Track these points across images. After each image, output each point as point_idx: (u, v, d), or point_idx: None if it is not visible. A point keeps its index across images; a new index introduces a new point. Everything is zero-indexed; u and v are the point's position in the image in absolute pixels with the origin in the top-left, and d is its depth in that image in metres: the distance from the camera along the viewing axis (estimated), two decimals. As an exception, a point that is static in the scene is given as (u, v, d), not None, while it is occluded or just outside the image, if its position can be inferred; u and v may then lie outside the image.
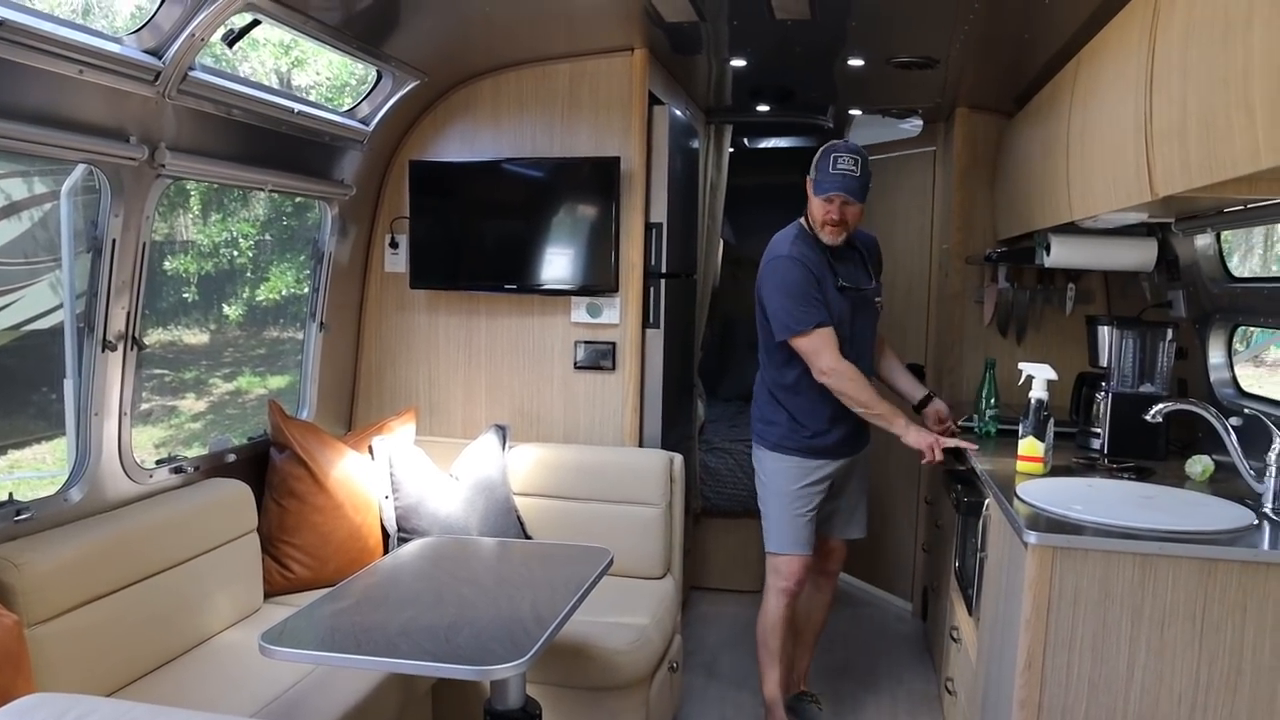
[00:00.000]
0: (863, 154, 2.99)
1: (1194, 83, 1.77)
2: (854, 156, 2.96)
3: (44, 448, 5.03)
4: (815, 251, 3.04)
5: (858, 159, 2.96)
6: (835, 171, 2.95)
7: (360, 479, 3.28)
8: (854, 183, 2.95)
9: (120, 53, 2.29)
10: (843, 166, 2.96)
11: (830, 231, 3.01)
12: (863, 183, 2.98)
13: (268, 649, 2.05)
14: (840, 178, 2.95)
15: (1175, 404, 2.57)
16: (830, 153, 2.99)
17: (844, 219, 2.99)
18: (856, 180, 2.96)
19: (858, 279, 3.14)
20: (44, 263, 4.92)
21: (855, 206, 2.98)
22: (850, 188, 2.95)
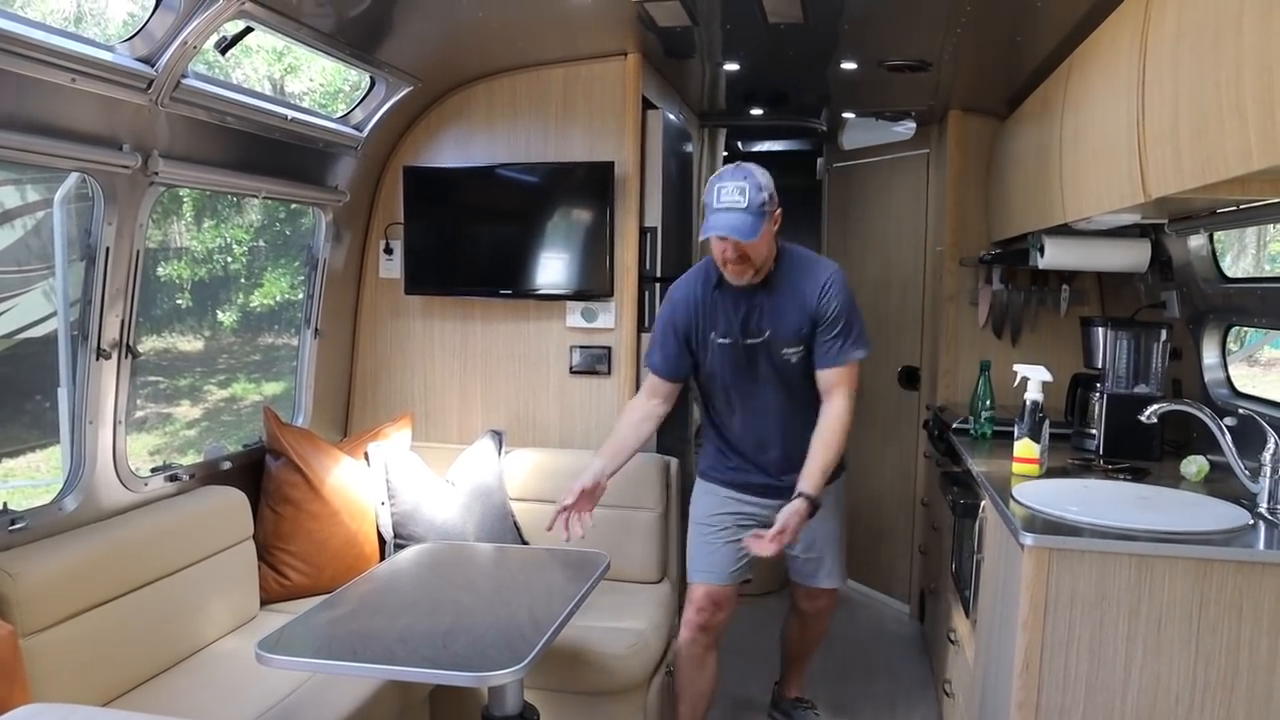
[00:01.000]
0: (753, 177, 2.58)
1: (1186, 85, 1.77)
2: (740, 185, 2.56)
3: (38, 456, 5.01)
4: (711, 290, 2.75)
5: (744, 186, 2.55)
6: (719, 206, 2.57)
7: (356, 486, 3.28)
8: (739, 218, 2.54)
9: (113, 61, 2.29)
10: (726, 199, 2.56)
11: (732, 271, 2.65)
12: (755, 213, 2.55)
13: (264, 657, 2.05)
14: (724, 213, 2.55)
15: (1170, 404, 2.57)
16: (715, 183, 2.61)
17: (744, 257, 2.61)
18: (742, 214, 2.54)
19: (750, 326, 2.73)
20: (37, 271, 4.91)
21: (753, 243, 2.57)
22: (736, 225, 2.53)
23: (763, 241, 2.60)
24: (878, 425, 4.75)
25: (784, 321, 2.71)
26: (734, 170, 2.62)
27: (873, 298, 4.79)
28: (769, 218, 2.60)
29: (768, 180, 2.63)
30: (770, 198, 2.60)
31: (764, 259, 2.66)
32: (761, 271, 2.69)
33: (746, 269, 2.64)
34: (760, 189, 2.58)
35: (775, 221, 2.64)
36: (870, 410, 4.79)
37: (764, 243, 2.61)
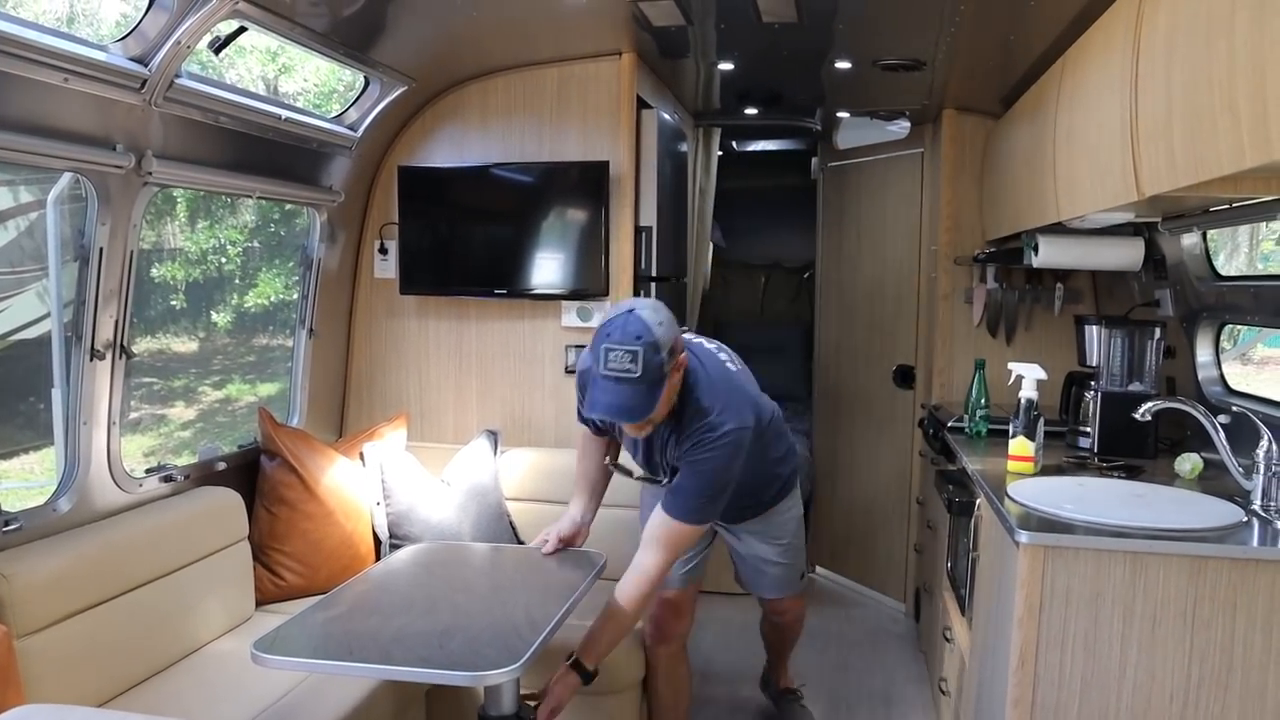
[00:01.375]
0: (648, 333, 2.11)
1: (1178, 83, 1.78)
2: (630, 349, 2.09)
3: (31, 458, 4.99)
4: None
5: (637, 351, 2.09)
6: (605, 373, 2.14)
7: (351, 486, 3.27)
8: (631, 395, 2.13)
9: (106, 60, 2.28)
10: (615, 365, 2.12)
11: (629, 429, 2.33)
12: (651, 383, 2.12)
13: (260, 657, 2.04)
14: (612, 384, 2.14)
15: (1164, 402, 2.58)
16: (601, 338, 2.15)
17: (641, 425, 2.26)
18: (633, 387, 2.12)
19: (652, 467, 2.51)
20: (30, 272, 4.89)
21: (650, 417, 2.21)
22: (627, 405, 2.14)
23: (664, 402, 2.21)
24: (873, 424, 4.76)
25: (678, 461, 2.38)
26: (624, 322, 2.14)
27: (868, 297, 4.80)
28: (669, 380, 2.18)
29: (668, 329, 2.17)
30: (671, 352, 2.16)
31: (666, 413, 2.29)
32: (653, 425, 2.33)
33: (644, 428, 2.31)
34: (658, 349, 2.12)
35: (678, 369, 2.23)
36: (865, 409, 4.81)
37: (664, 403, 2.22)
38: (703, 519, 2.37)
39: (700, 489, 2.33)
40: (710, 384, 2.35)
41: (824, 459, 5.10)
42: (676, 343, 2.21)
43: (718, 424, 2.28)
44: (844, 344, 5.00)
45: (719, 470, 2.32)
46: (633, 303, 2.23)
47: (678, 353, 2.22)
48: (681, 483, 2.33)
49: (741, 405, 2.36)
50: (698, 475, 2.32)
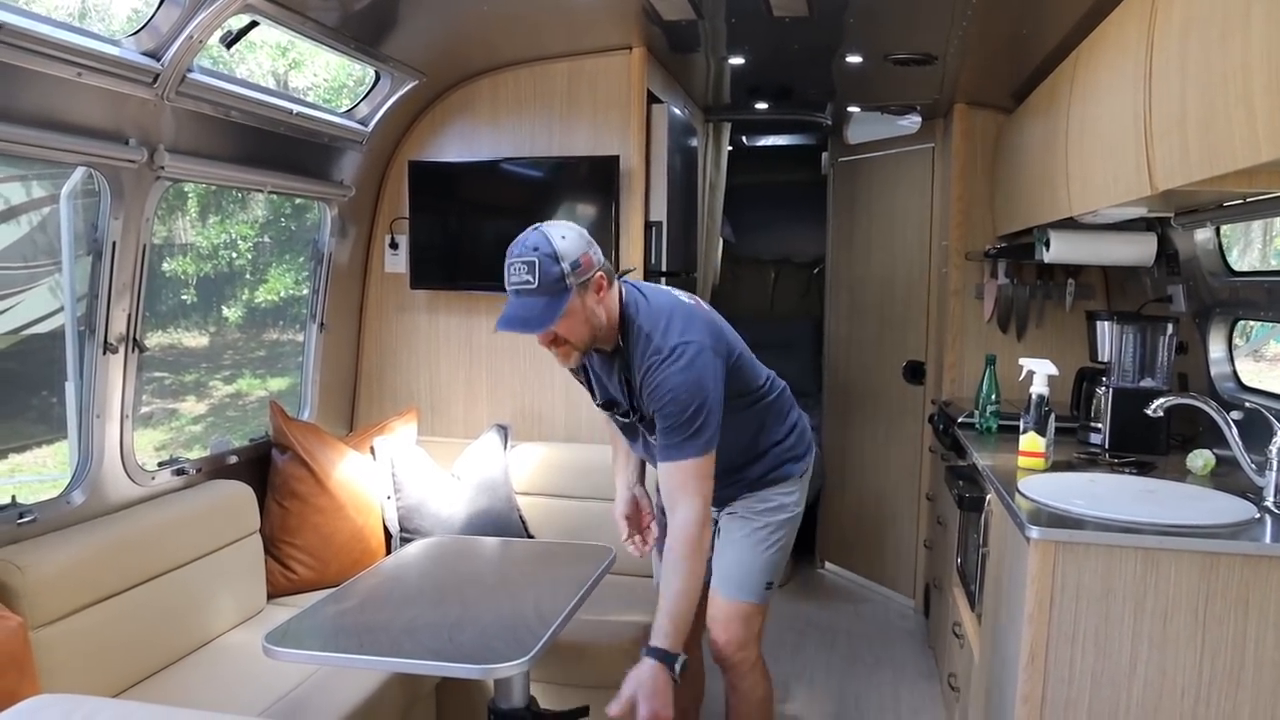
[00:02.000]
0: (547, 244, 2.10)
1: (1193, 77, 1.77)
2: (528, 260, 2.09)
3: (45, 451, 5.03)
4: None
5: (534, 261, 2.08)
6: (509, 286, 2.13)
7: (362, 480, 3.28)
8: (529, 305, 2.10)
9: (119, 55, 2.29)
10: (515, 279, 2.11)
11: (557, 355, 2.24)
12: (550, 294, 2.08)
13: (271, 650, 2.06)
14: (513, 297, 2.13)
15: (1176, 398, 2.57)
16: (507, 257, 2.15)
17: (557, 340, 2.18)
18: (531, 298, 2.09)
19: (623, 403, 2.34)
20: (43, 266, 4.92)
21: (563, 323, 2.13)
22: (523, 314, 2.11)
23: (576, 320, 2.14)
24: (882, 420, 4.75)
25: (644, 405, 2.25)
26: (526, 237, 2.14)
27: (878, 292, 4.79)
28: (577, 291, 2.11)
29: (573, 241, 2.13)
30: (575, 265, 2.10)
31: (588, 337, 2.19)
32: (601, 344, 2.25)
33: (568, 352, 2.21)
34: (557, 259, 2.08)
35: (596, 289, 2.15)
36: (875, 405, 4.80)
37: (579, 320, 2.15)
38: (705, 446, 2.18)
39: (678, 420, 2.16)
40: (651, 311, 2.24)
41: (834, 454, 5.09)
42: (585, 259, 2.13)
43: (662, 345, 2.18)
44: (854, 339, 4.99)
45: (685, 390, 2.15)
46: (542, 223, 2.18)
47: (588, 269, 2.13)
48: (661, 425, 2.19)
49: (689, 326, 2.22)
50: (670, 405, 2.16)
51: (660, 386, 2.16)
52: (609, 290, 2.21)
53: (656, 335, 2.20)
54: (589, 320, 2.17)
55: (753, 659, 2.51)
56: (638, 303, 2.26)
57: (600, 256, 2.19)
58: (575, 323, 2.15)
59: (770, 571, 2.47)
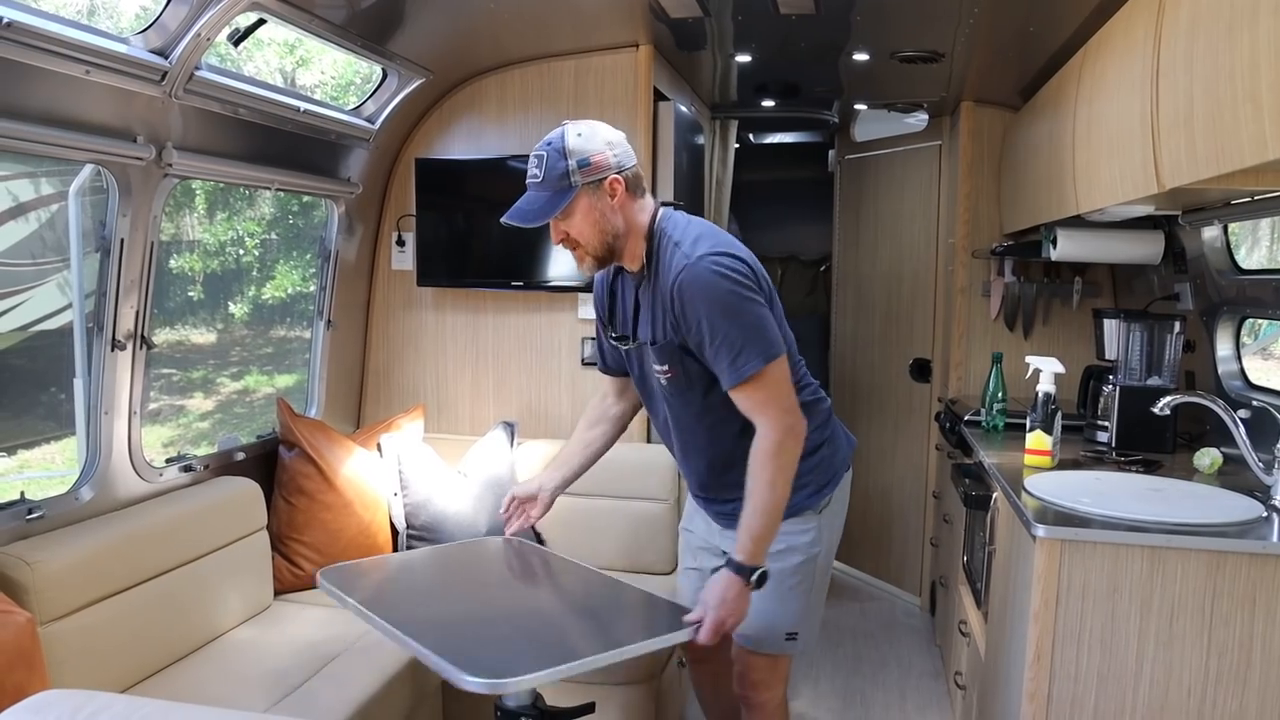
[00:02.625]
0: (559, 140, 2.05)
1: (1200, 75, 1.76)
2: (539, 153, 2.07)
3: (53, 448, 5.05)
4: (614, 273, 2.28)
5: (543, 154, 2.05)
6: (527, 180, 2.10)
7: (369, 476, 3.29)
8: (529, 198, 2.07)
9: (127, 53, 2.30)
10: (529, 174, 2.09)
11: (574, 259, 2.16)
12: (552, 189, 2.04)
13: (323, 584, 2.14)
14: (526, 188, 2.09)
15: (1183, 396, 2.56)
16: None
17: (567, 239, 2.10)
18: (534, 191, 2.06)
19: (627, 328, 2.24)
20: (52, 263, 4.94)
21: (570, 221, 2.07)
22: (522, 207, 2.07)
23: (584, 220, 2.06)
24: (889, 418, 4.75)
25: (654, 328, 2.15)
26: (548, 133, 2.09)
27: (885, 290, 4.79)
28: (583, 191, 2.03)
29: (588, 139, 2.05)
30: (583, 164, 2.02)
31: (599, 242, 2.09)
32: (622, 257, 2.14)
33: (581, 255, 2.12)
34: (564, 155, 2.02)
35: (610, 192, 2.06)
36: (881, 403, 4.79)
37: (587, 221, 2.06)
38: (766, 353, 2.01)
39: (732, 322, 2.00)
40: (687, 226, 2.13)
41: (839, 452, 5.09)
42: (598, 159, 2.04)
43: (691, 252, 2.03)
44: (860, 337, 4.98)
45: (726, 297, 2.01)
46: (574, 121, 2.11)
47: (599, 170, 2.04)
48: (710, 346, 2.03)
49: (732, 245, 2.09)
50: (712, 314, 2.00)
51: (690, 300, 2.02)
52: (631, 198, 2.09)
53: (686, 244, 2.06)
54: (599, 224, 2.07)
55: (776, 701, 2.34)
56: (673, 219, 2.15)
57: (622, 161, 2.08)
58: (583, 224, 2.06)
59: (792, 622, 2.25)
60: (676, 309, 2.05)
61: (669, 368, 2.14)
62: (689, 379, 2.13)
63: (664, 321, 2.10)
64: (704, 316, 2.01)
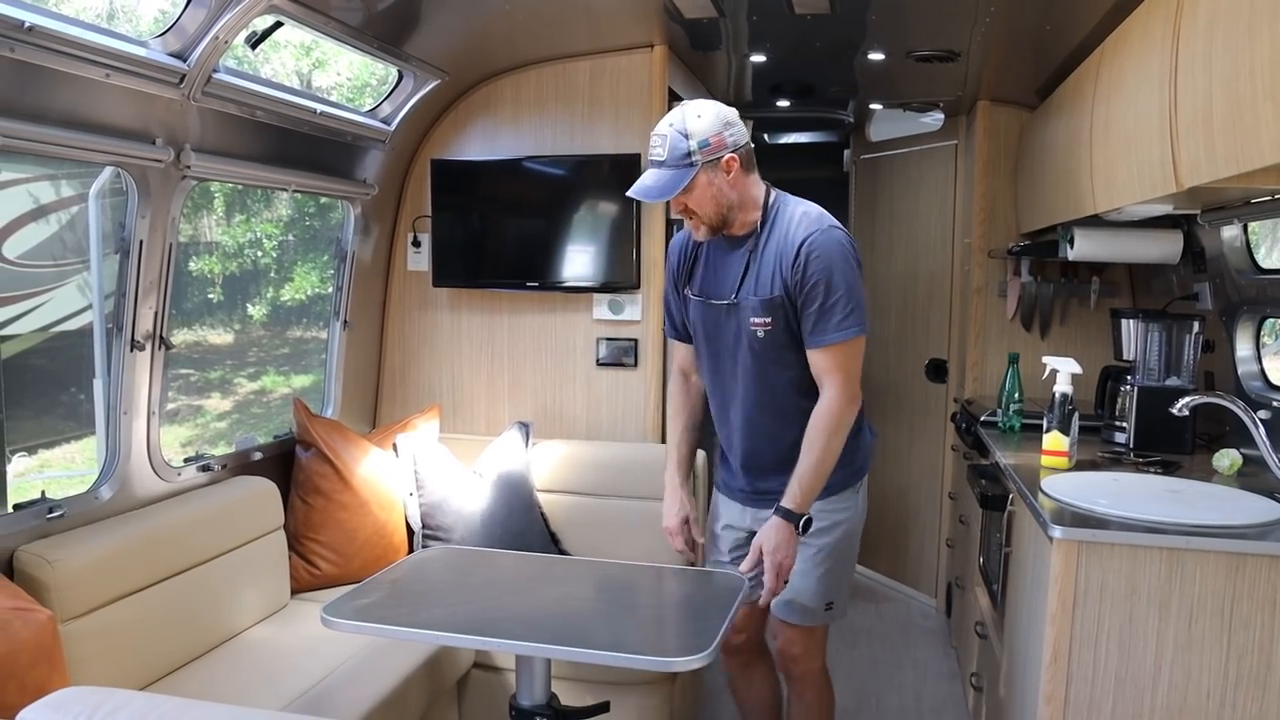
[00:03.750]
0: (681, 122, 2.23)
1: (1219, 73, 1.75)
2: (662, 133, 2.24)
3: (73, 447, 5.10)
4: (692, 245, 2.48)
5: (666, 135, 2.23)
6: (649, 161, 2.28)
7: (385, 476, 3.31)
8: (654, 176, 2.24)
9: (146, 56, 2.32)
10: (652, 151, 2.26)
11: (689, 227, 2.38)
12: (675, 167, 2.22)
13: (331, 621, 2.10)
14: (651, 168, 2.27)
15: (1202, 397, 2.54)
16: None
17: (688, 210, 2.31)
18: (658, 170, 2.23)
19: (722, 287, 2.39)
20: (72, 265, 4.98)
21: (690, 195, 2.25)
22: (648, 184, 2.24)
23: (702, 195, 2.26)
24: (905, 418, 4.73)
25: (759, 285, 2.33)
26: (669, 115, 2.27)
27: (900, 290, 4.77)
28: (701, 169, 2.22)
29: (708, 121, 2.24)
30: (704, 144, 2.21)
31: (716, 213, 2.29)
32: (733, 226, 2.34)
33: (697, 224, 2.33)
34: (686, 136, 2.21)
35: (726, 169, 2.26)
36: (897, 403, 4.78)
37: (705, 195, 2.26)
38: (856, 327, 2.26)
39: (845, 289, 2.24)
40: (800, 202, 2.38)
41: (855, 453, 5.07)
42: (717, 139, 2.24)
43: (823, 222, 2.30)
44: (876, 337, 4.95)
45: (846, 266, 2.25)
46: (692, 100, 2.33)
47: (718, 149, 2.24)
48: (822, 300, 2.24)
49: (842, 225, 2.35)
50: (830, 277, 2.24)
51: (812, 263, 2.25)
52: (744, 174, 2.31)
53: (814, 214, 2.33)
54: (716, 198, 2.28)
55: (817, 669, 2.55)
56: (787, 197, 2.40)
57: (739, 139, 2.28)
58: (703, 198, 2.27)
59: (828, 593, 2.44)
60: (800, 264, 2.26)
61: (770, 320, 2.32)
62: (788, 332, 2.32)
63: (776, 277, 2.30)
64: (829, 274, 2.25)
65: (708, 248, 2.44)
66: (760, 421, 2.42)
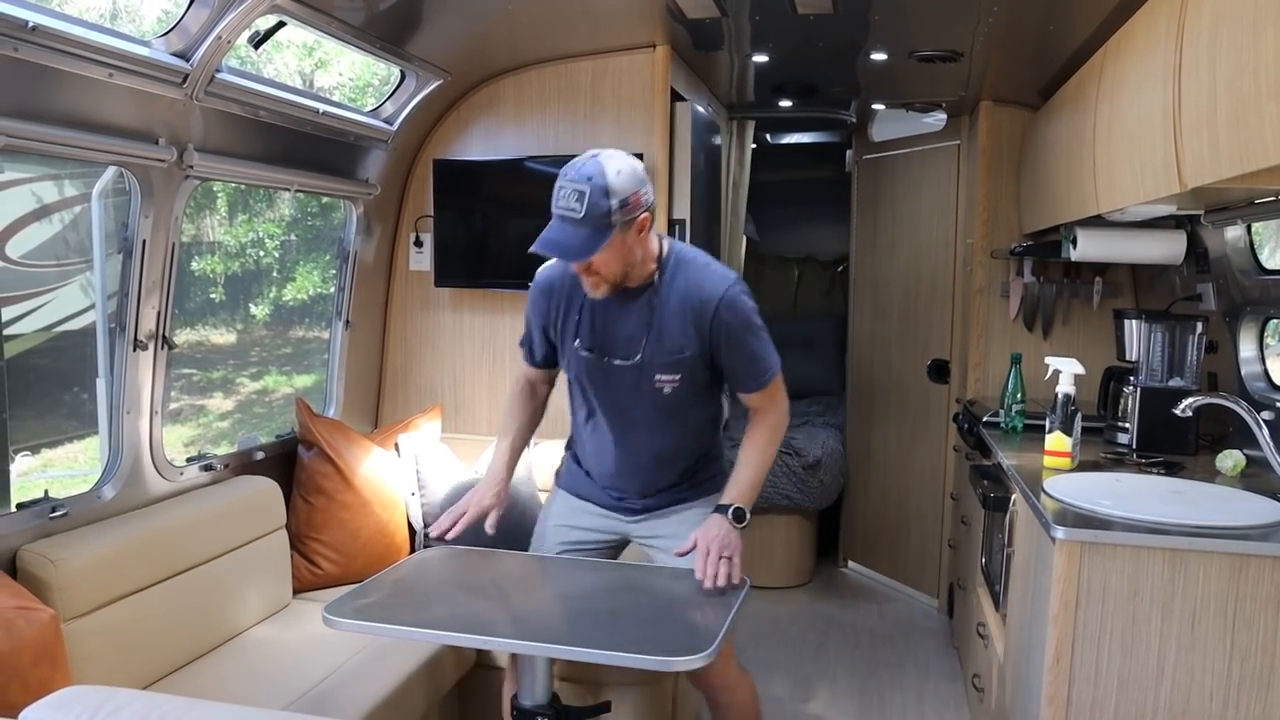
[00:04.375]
0: (601, 176, 2.08)
1: (1223, 72, 1.75)
2: (579, 188, 2.07)
3: (76, 447, 5.10)
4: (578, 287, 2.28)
5: (585, 191, 2.06)
6: (555, 210, 2.12)
7: (387, 476, 3.31)
8: (570, 234, 2.09)
9: (149, 56, 2.32)
10: (563, 204, 2.10)
11: (584, 283, 2.22)
12: (594, 227, 2.07)
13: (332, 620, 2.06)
14: (556, 221, 2.11)
15: (1206, 398, 2.54)
16: (561, 175, 2.13)
17: (590, 269, 2.17)
18: (575, 227, 2.08)
19: (619, 345, 2.30)
20: (75, 264, 4.99)
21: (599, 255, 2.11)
22: (563, 242, 2.10)
23: (613, 256, 2.14)
24: (907, 419, 4.73)
25: (663, 345, 2.27)
26: (583, 164, 2.11)
27: (902, 290, 4.77)
28: (619, 229, 2.10)
29: (627, 178, 2.11)
30: (623, 204, 2.09)
31: (621, 273, 2.19)
32: (631, 281, 2.24)
33: (598, 283, 2.20)
34: (607, 194, 2.07)
35: (639, 229, 2.15)
36: (900, 404, 4.78)
37: (615, 256, 2.14)
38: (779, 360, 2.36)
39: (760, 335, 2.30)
40: (694, 252, 2.37)
41: (857, 453, 5.07)
42: (635, 198, 2.12)
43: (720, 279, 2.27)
44: (878, 338, 4.96)
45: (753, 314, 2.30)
46: (603, 151, 2.17)
47: (635, 209, 2.12)
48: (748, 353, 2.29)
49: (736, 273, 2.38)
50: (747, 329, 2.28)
51: (730, 321, 2.25)
52: (650, 230, 2.23)
53: (714, 269, 2.31)
54: (625, 257, 2.18)
55: (734, 673, 2.52)
56: (680, 246, 2.35)
57: (650, 196, 2.19)
58: (613, 257, 2.15)
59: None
60: (720, 324, 2.25)
61: (679, 377, 2.30)
62: (695, 386, 2.34)
63: (684, 336, 2.27)
64: (748, 329, 2.28)
65: (587, 300, 2.29)
66: (649, 456, 2.42)
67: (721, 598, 2.23)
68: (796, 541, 4.87)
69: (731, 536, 2.25)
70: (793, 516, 4.80)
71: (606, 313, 2.31)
